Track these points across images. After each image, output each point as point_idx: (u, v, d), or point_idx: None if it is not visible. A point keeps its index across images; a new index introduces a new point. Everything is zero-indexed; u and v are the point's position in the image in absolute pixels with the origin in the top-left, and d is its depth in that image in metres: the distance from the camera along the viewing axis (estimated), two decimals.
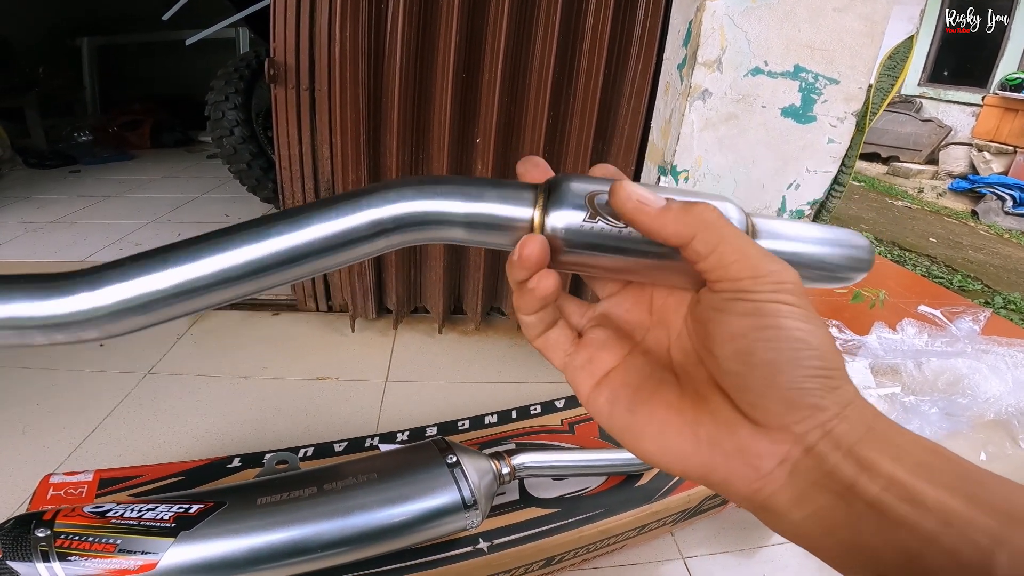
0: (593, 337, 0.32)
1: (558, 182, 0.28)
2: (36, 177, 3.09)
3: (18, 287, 0.25)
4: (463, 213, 0.28)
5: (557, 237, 0.27)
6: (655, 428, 0.28)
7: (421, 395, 1.33)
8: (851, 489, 0.23)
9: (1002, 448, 1.26)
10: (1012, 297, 2.77)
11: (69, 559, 0.55)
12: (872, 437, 0.23)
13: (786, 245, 0.29)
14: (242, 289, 0.27)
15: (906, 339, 1.53)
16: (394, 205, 0.28)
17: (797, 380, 0.23)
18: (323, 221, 0.27)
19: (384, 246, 0.29)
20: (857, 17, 1.01)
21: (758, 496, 0.25)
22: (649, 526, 0.88)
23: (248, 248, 0.26)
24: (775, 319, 0.24)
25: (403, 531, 0.64)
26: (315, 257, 0.27)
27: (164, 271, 0.26)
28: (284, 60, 1.28)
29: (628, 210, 0.26)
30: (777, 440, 0.24)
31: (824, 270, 0.31)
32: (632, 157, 1.31)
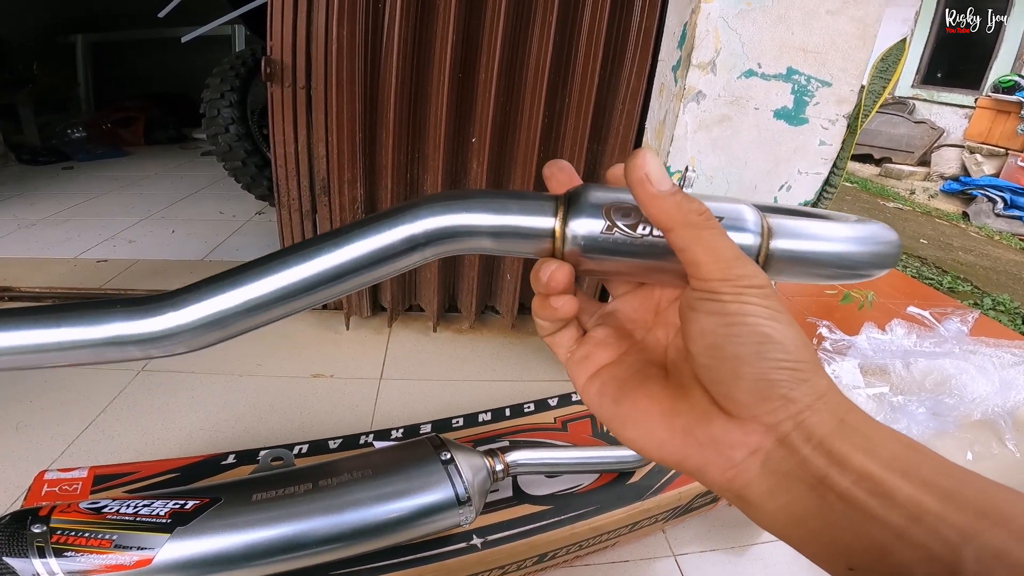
0: (594, 335, 0.34)
1: (577, 193, 0.30)
2: (29, 173, 3.08)
3: (117, 310, 0.30)
4: (489, 225, 0.30)
5: (576, 246, 0.29)
6: (637, 417, 0.29)
7: (415, 393, 1.34)
8: (823, 481, 0.23)
9: (988, 448, 1.27)
10: (1001, 298, 2.80)
11: (65, 555, 0.56)
12: (844, 430, 0.24)
13: (806, 245, 0.30)
14: (298, 304, 0.31)
15: (895, 339, 1.54)
16: (425, 221, 0.30)
17: (763, 372, 0.25)
18: (362, 239, 0.30)
19: (419, 259, 0.31)
20: (850, 20, 1.02)
21: (732, 485, 0.26)
22: (641, 523, 0.89)
23: (300, 268, 0.30)
24: (739, 317, 0.25)
25: (397, 527, 0.65)
26: (357, 274, 0.30)
27: (233, 291, 0.30)
28: (281, 58, 1.28)
29: (632, 179, 0.27)
30: (749, 431, 0.25)
31: (848, 268, 0.31)
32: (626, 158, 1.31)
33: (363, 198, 1.39)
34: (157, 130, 3.98)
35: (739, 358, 0.25)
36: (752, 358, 0.25)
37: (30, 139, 3.53)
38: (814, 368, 0.25)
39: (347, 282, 0.31)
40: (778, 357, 0.24)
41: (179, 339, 0.30)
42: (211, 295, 0.30)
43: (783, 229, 0.30)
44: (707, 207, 0.28)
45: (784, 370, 0.24)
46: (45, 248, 2.06)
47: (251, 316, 0.30)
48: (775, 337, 0.25)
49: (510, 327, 1.60)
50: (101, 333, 0.29)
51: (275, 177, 1.44)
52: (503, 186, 1.40)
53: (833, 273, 0.31)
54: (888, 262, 0.32)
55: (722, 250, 0.26)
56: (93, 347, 0.30)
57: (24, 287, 1.69)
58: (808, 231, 0.30)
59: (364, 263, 0.30)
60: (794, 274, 0.31)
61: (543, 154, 1.34)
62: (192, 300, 0.30)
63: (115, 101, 4.08)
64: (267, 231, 2.31)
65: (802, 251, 0.30)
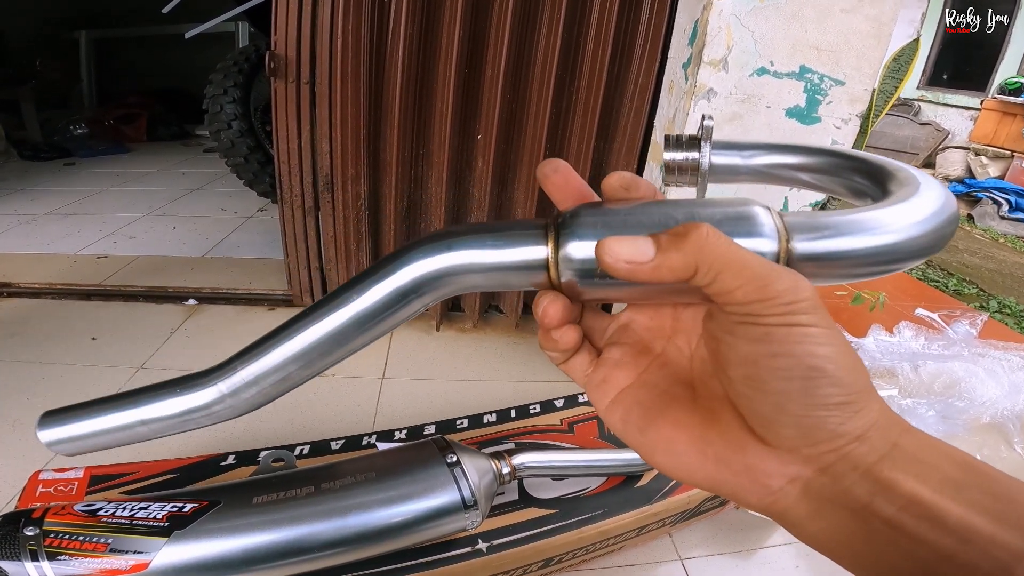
0: (608, 356, 0.32)
1: (568, 217, 0.28)
2: (31, 169, 3.08)
3: (177, 389, 0.35)
4: (478, 264, 0.29)
5: (572, 275, 0.27)
6: (664, 446, 0.28)
7: (418, 392, 1.32)
8: (867, 508, 0.22)
9: (997, 451, 1.26)
10: (1007, 301, 2.78)
11: (59, 558, 0.54)
12: (896, 455, 0.22)
13: (832, 244, 0.26)
14: (318, 366, 0.33)
15: (903, 342, 1.53)
16: (411, 269, 0.30)
17: (810, 409, 0.22)
18: (356, 302, 0.31)
19: (419, 306, 0.31)
20: (865, 19, 1.00)
21: (772, 509, 0.25)
22: (648, 527, 0.88)
23: (305, 335, 0.32)
24: (786, 345, 0.22)
25: (402, 531, 0.63)
26: (362, 333, 0.31)
27: (263, 360, 0.33)
28: (285, 54, 1.27)
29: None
30: (787, 461, 0.24)
31: (895, 255, 0.26)
32: (634, 156, 1.30)
33: (366, 195, 1.38)
34: (160, 126, 3.98)
35: (785, 394, 0.23)
36: (799, 395, 0.22)
37: (32, 135, 3.53)
38: (868, 395, 0.23)
39: (355, 342, 0.32)
40: (829, 392, 0.22)
41: (230, 407, 0.35)
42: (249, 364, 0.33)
43: (802, 227, 0.26)
44: (708, 221, 0.25)
45: (835, 406, 0.22)
46: (45, 244, 2.05)
47: (284, 382, 0.34)
48: (827, 370, 0.22)
49: (514, 326, 1.59)
50: (173, 409, 0.35)
51: (278, 173, 1.42)
52: (508, 184, 1.39)
53: (872, 270, 0.27)
54: (945, 239, 0.27)
55: (751, 267, 0.23)
56: (170, 420, 0.35)
57: (24, 282, 1.67)
58: (831, 224, 0.26)
59: (364, 322, 0.31)
60: (826, 277, 0.27)
61: (550, 152, 1.32)
62: (235, 371, 0.34)
63: (118, 97, 4.09)
64: (269, 228, 2.29)
65: (830, 250, 0.26)
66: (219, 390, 0.34)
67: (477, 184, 1.37)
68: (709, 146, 0.35)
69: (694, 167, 0.35)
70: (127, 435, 0.36)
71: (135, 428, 0.35)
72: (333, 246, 1.48)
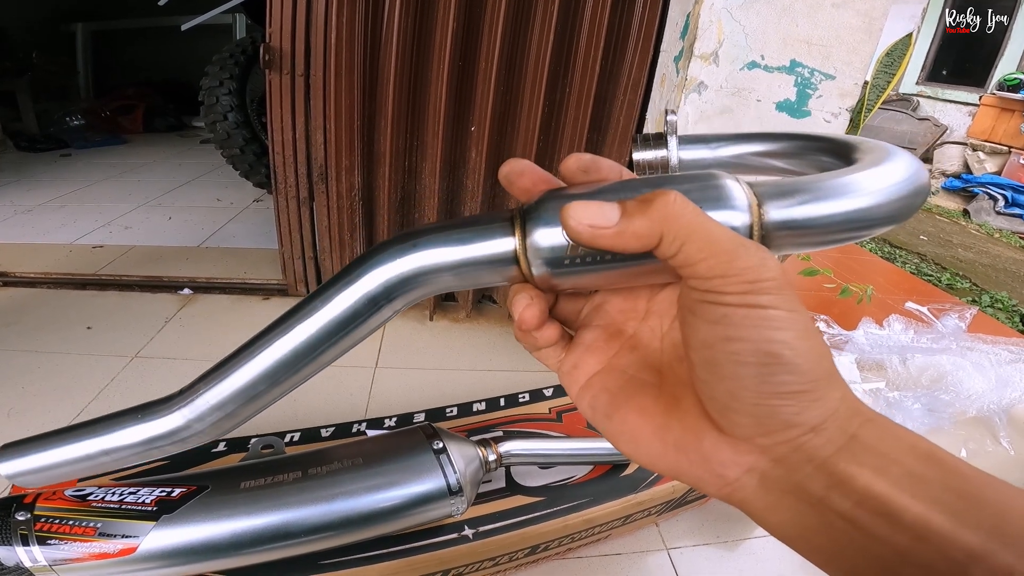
0: (580, 340, 0.31)
1: (532, 205, 0.27)
2: (27, 160, 3.07)
3: (137, 416, 0.33)
4: (447, 262, 0.28)
5: (543, 266, 0.27)
6: (628, 433, 0.27)
7: (410, 381, 1.33)
8: (823, 501, 0.22)
9: (982, 445, 1.27)
10: (999, 296, 2.79)
11: (49, 542, 0.55)
12: (854, 447, 0.22)
13: (805, 210, 0.25)
14: (287, 384, 0.31)
15: (893, 335, 1.54)
16: (377, 273, 0.28)
17: (764, 398, 0.22)
18: (325, 310, 0.29)
19: (391, 312, 0.30)
20: (855, 13, 1.01)
21: (731, 499, 0.25)
22: (634, 516, 0.89)
23: (277, 349, 0.30)
24: (743, 329, 0.21)
25: (388, 517, 0.64)
26: (334, 343, 0.30)
27: (227, 381, 0.31)
28: (280, 45, 1.27)
29: (585, 240, 0.24)
30: (741, 450, 0.24)
31: (867, 222, 0.26)
32: (627, 148, 1.30)
33: (361, 185, 1.38)
34: (156, 118, 3.97)
35: (738, 380, 0.22)
36: (753, 382, 0.22)
37: (28, 126, 3.53)
38: (827, 384, 0.22)
39: (326, 355, 0.30)
40: (784, 380, 0.21)
41: (195, 434, 0.33)
42: (211, 388, 0.32)
43: (772, 194, 0.25)
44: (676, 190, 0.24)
45: (790, 395, 0.22)
46: (42, 234, 2.06)
47: (250, 403, 0.32)
48: (784, 356, 0.21)
49: (507, 317, 1.60)
50: (134, 438, 0.33)
51: (273, 164, 1.43)
52: None
53: (846, 236, 0.26)
54: (915, 205, 0.27)
55: (718, 239, 0.22)
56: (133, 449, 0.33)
57: (20, 272, 1.68)
58: (802, 187, 0.25)
59: (334, 333, 0.29)
60: (799, 245, 0.27)
61: (543, 143, 1.33)
62: (196, 396, 0.32)
63: (114, 89, 4.07)
64: (264, 218, 2.30)
65: (804, 216, 0.25)
66: (183, 415, 0.32)
67: (471, 175, 1.38)
68: (676, 140, 0.34)
69: (664, 164, 0.34)
70: (90, 465, 0.34)
71: (98, 459, 0.34)
72: (327, 236, 1.48)
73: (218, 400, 0.31)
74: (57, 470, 0.34)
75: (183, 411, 0.32)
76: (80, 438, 0.33)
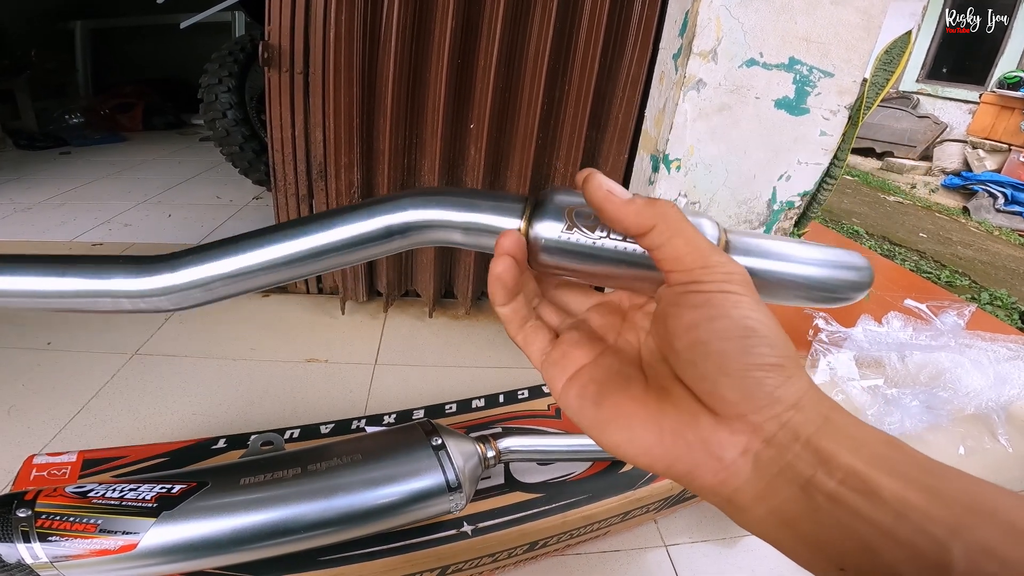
0: (567, 337, 0.34)
1: (544, 196, 0.31)
2: (26, 158, 3.07)
3: (116, 266, 0.33)
4: (461, 221, 0.33)
5: (539, 243, 0.31)
6: (621, 420, 0.28)
7: (410, 378, 1.33)
8: (811, 481, 0.23)
9: (980, 442, 1.27)
10: (998, 293, 2.79)
11: (50, 539, 0.55)
12: (829, 428, 0.24)
13: (765, 263, 0.31)
14: (281, 275, 0.34)
15: (891, 332, 1.54)
16: (404, 213, 0.33)
17: (749, 368, 0.24)
18: (345, 224, 0.33)
19: (395, 247, 0.34)
20: (854, 11, 1.01)
21: (724, 489, 0.25)
22: (632, 513, 0.89)
23: (286, 244, 0.33)
24: (724, 308, 0.25)
25: (386, 513, 0.65)
26: (336, 254, 0.33)
27: (223, 259, 0.33)
28: (279, 43, 1.27)
29: (598, 198, 0.28)
30: (736, 430, 0.25)
31: (813, 290, 0.31)
32: (625, 145, 1.31)
33: (360, 183, 1.38)
34: (155, 116, 3.96)
35: (724, 354, 0.24)
36: (738, 353, 0.24)
37: (27, 124, 3.52)
38: (796, 364, 0.25)
39: (325, 261, 0.33)
40: (763, 352, 0.24)
41: (167, 297, 0.33)
42: (204, 260, 0.33)
43: (743, 246, 0.31)
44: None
45: (770, 367, 0.24)
46: (41, 231, 2.05)
47: (234, 282, 0.33)
48: (760, 331, 0.24)
49: None
50: (98, 285, 0.33)
51: (272, 162, 1.43)
52: (501, 172, 1.39)
53: (797, 295, 0.31)
54: (858, 288, 0.32)
55: (698, 240, 0.26)
56: (89, 297, 0.33)
57: None
58: (770, 250, 0.31)
59: (343, 246, 0.33)
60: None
61: (541, 141, 1.33)
62: (186, 263, 0.33)
63: (113, 87, 4.06)
64: (264, 216, 2.29)
65: (761, 269, 0.30)
66: (166, 279, 0.33)
67: (470, 172, 1.38)
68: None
69: None
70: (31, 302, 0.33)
71: (47, 298, 0.33)
72: None
73: (209, 274, 0.33)
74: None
75: (167, 274, 0.33)
76: (40, 270, 0.33)
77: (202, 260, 0.33)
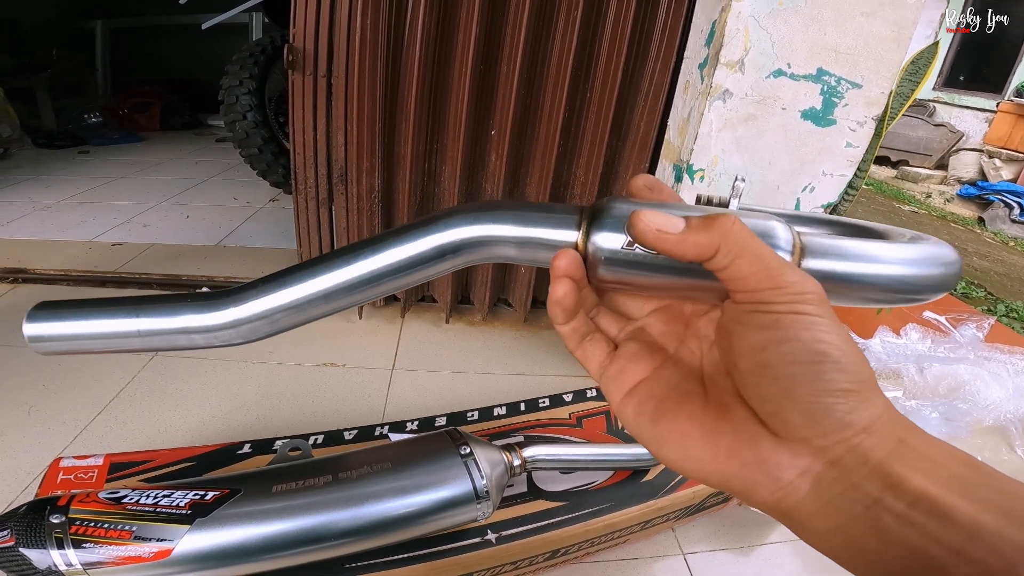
0: (626, 349, 0.32)
1: (600, 207, 0.30)
2: (45, 157, 3.10)
3: (185, 304, 0.34)
4: (515, 236, 0.31)
5: (598, 259, 0.29)
6: (676, 438, 0.28)
7: (427, 384, 1.34)
8: (878, 502, 0.22)
9: (998, 454, 1.27)
10: (1015, 305, 2.77)
11: (84, 546, 0.55)
12: (903, 451, 0.23)
13: (844, 266, 0.28)
14: (339, 304, 0.34)
15: (909, 344, 1.54)
16: (454, 231, 0.32)
17: (818, 395, 0.23)
18: (396, 247, 0.32)
19: (448, 267, 0.33)
20: (885, 22, 1.00)
21: (781, 506, 0.25)
22: (653, 521, 0.89)
23: (340, 272, 0.33)
24: (794, 331, 0.23)
25: (416, 521, 0.65)
26: (391, 279, 0.33)
27: (282, 290, 0.33)
28: (303, 46, 1.28)
29: (650, 241, 0.26)
30: (798, 453, 0.24)
31: (895, 292, 0.29)
32: (647, 154, 1.30)
33: (380, 188, 1.39)
34: (173, 116, 4.00)
35: (792, 378, 0.23)
36: (807, 379, 0.23)
37: (46, 123, 3.56)
38: (872, 387, 0.24)
39: (381, 286, 0.33)
40: (835, 378, 0.23)
41: (236, 331, 0.34)
42: (265, 293, 0.34)
43: (818, 248, 0.28)
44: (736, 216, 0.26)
45: (842, 393, 0.23)
46: (60, 231, 2.07)
47: (298, 313, 0.34)
48: (833, 355, 0.23)
49: (522, 321, 1.60)
50: (172, 324, 0.34)
51: (293, 165, 1.43)
52: (521, 179, 1.40)
53: (880, 297, 0.29)
54: (946, 284, 0.29)
55: (766, 258, 0.25)
56: (165, 335, 0.34)
57: (39, 268, 1.70)
58: (847, 250, 0.29)
59: (397, 269, 0.32)
60: (832, 298, 0.29)
61: (563, 149, 1.33)
62: (248, 297, 0.34)
63: (132, 86, 4.10)
64: (281, 218, 2.31)
65: (840, 272, 0.28)
66: (232, 313, 0.34)
67: (490, 179, 1.38)
68: (737, 206, 0.37)
69: None
70: (116, 343, 0.34)
71: (129, 338, 0.34)
72: (346, 237, 1.49)
73: (271, 306, 0.34)
74: (83, 341, 0.34)
75: (233, 308, 0.34)
76: (121, 313, 0.34)
77: (264, 292, 0.34)
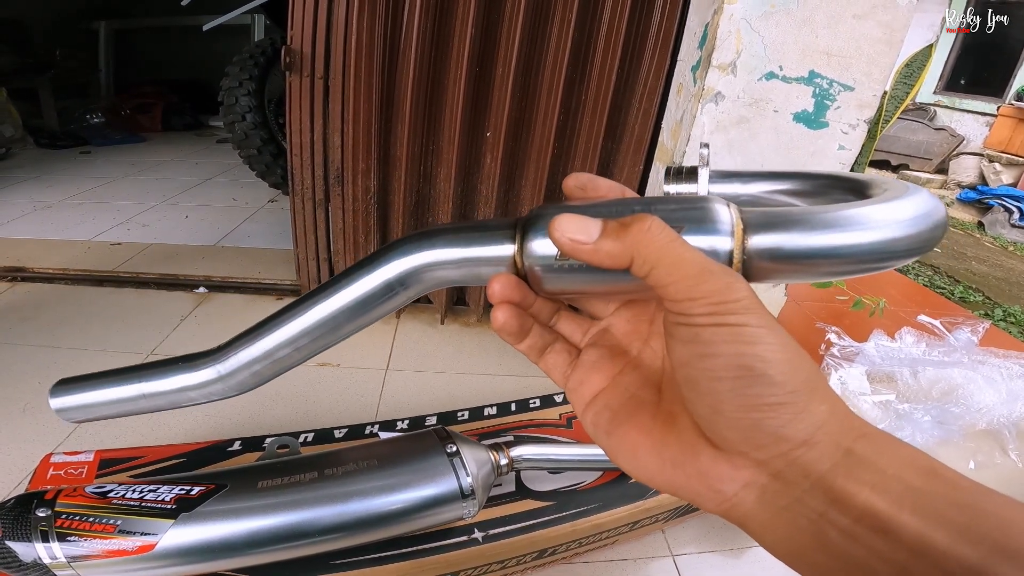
0: (587, 357, 0.32)
1: (531, 217, 0.29)
2: (47, 157, 3.11)
3: (175, 367, 0.38)
4: (453, 259, 0.31)
5: (535, 271, 0.29)
6: (628, 449, 0.28)
7: (421, 384, 1.34)
8: (822, 517, 0.22)
9: (991, 457, 1.26)
10: (1012, 310, 2.76)
11: (68, 539, 0.56)
12: (850, 463, 0.22)
13: (793, 239, 0.25)
14: (309, 350, 0.36)
15: (904, 347, 1.53)
16: (395, 264, 0.32)
17: (744, 410, 0.22)
18: (346, 288, 0.33)
19: (404, 299, 0.33)
20: (877, 25, 1.00)
21: (731, 515, 0.25)
22: (641, 522, 0.89)
23: (301, 320, 0.34)
24: (713, 346, 0.22)
25: (401, 518, 0.65)
26: (349, 321, 0.34)
27: (254, 344, 0.36)
28: (300, 48, 1.29)
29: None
30: (738, 465, 0.24)
31: (868, 262, 0.26)
32: (641, 157, 1.31)
33: (376, 189, 1.40)
34: (174, 117, 4.01)
35: (716, 395, 0.23)
36: (731, 395, 0.22)
37: (49, 123, 3.58)
38: (809, 396, 0.22)
39: (342, 329, 0.34)
40: (759, 393, 0.22)
41: (226, 385, 0.37)
42: (240, 348, 0.36)
43: (763, 221, 0.26)
44: (658, 216, 0.25)
45: (768, 407, 0.22)
46: (60, 230, 2.08)
47: (274, 364, 0.36)
48: (757, 368, 0.22)
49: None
50: (167, 386, 0.38)
51: (290, 166, 1.44)
52: (516, 181, 1.40)
53: (850, 268, 0.26)
54: (927, 244, 0.26)
55: (686, 264, 0.23)
56: (163, 396, 0.38)
57: (38, 267, 1.70)
58: (799, 219, 0.25)
59: (352, 310, 0.33)
60: (784, 275, 0.26)
61: (557, 151, 1.34)
62: (227, 354, 0.37)
63: (134, 87, 4.11)
64: (279, 219, 2.32)
65: (790, 248, 0.25)
66: (216, 370, 0.37)
67: (485, 181, 1.39)
68: (707, 174, 0.36)
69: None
70: (127, 407, 0.38)
71: (137, 401, 0.38)
72: (342, 238, 1.49)
73: (247, 359, 0.36)
74: (99, 409, 0.39)
75: (216, 367, 0.37)
76: (125, 381, 0.38)
77: (240, 348, 0.36)
